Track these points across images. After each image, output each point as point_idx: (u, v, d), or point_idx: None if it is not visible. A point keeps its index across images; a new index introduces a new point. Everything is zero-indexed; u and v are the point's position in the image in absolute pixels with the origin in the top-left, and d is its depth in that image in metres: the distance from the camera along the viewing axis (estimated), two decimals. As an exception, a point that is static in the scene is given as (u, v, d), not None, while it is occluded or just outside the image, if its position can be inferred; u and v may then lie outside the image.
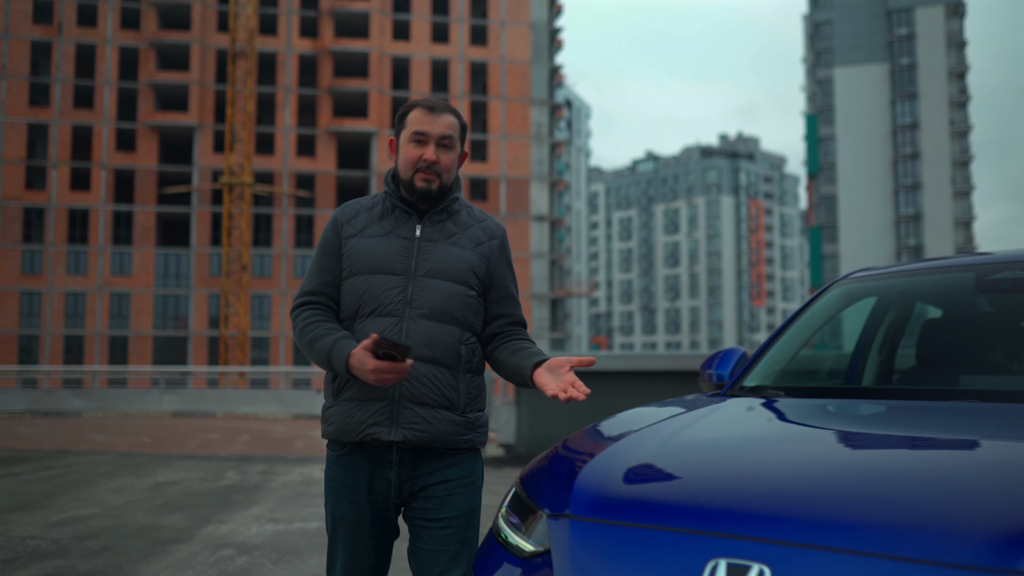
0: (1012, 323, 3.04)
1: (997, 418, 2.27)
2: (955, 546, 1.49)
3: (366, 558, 2.53)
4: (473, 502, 2.56)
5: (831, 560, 1.54)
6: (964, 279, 3.22)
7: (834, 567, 1.53)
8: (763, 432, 2.36)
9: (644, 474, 2.02)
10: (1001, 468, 1.83)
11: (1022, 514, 1.52)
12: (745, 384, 3.06)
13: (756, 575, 1.56)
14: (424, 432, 2.44)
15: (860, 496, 1.71)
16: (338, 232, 2.60)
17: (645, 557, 1.75)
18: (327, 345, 2.44)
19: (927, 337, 3.22)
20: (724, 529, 1.70)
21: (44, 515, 7.68)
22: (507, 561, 2.06)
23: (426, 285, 2.50)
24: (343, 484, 2.50)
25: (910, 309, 3.63)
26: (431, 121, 2.54)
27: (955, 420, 2.30)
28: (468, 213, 2.67)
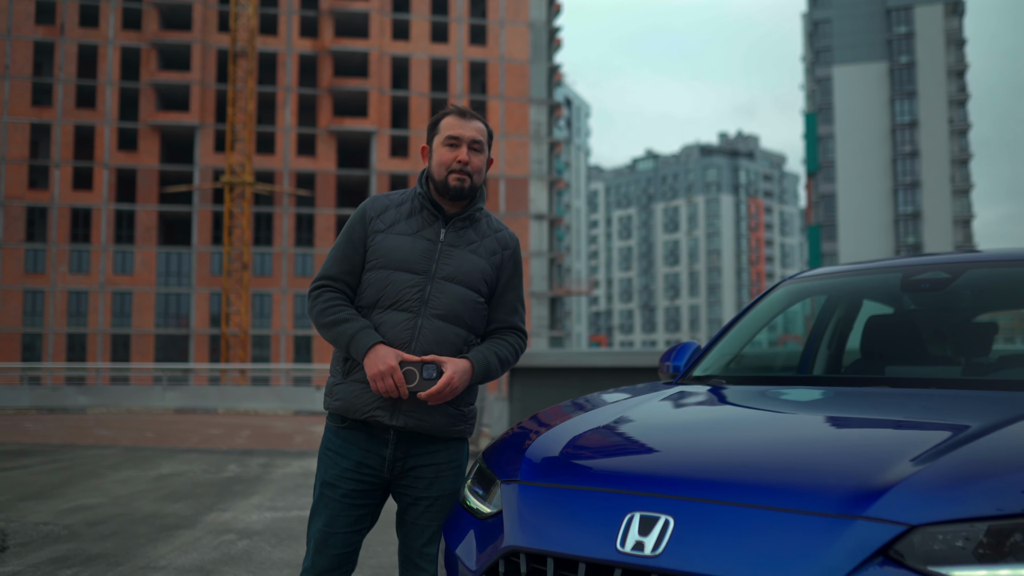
0: (930, 318, 3.40)
1: (899, 400, 2.62)
2: (817, 498, 1.85)
3: (346, 526, 2.77)
4: (457, 484, 2.83)
5: (720, 511, 1.90)
6: (893, 279, 3.58)
7: (722, 516, 1.89)
8: (689, 411, 2.73)
9: (582, 447, 2.38)
10: (873, 439, 2.20)
11: (872, 475, 1.87)
12: (695, 374, 3.42)
13: (662, 524, 1.92)
14: (423, 422, 2.71)
15: (750, 461, 2.09)
16: (365, 226, 2.82)
17: (577, 512, 2.10)
18: (352, 329, 2.69)
19: (866, 332, 3.58)
20: (640, 489, 2.06)
21: (55, 503, 8.05)
22: (469, 522, 2.41)
23: (443, 288, 2.74)
24: (338, 454, 2.78)
25: (853, 306, 3.98)
26: (463, 126, 2.82)
27: (860, 402, 2.66)
28: (487, 222, 2.92)
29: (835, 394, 2.82)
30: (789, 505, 1.86)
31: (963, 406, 2.38)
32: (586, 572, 1.95)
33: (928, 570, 1.69)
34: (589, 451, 2.38)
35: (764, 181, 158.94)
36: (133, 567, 5.58)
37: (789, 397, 2.87)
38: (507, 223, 62.41)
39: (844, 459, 2.00)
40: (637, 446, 2.41)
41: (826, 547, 1.75)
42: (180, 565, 5.63)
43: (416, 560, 2.79)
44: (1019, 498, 1.75)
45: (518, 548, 2.12)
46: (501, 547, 2.17)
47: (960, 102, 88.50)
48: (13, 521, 7.13)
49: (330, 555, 2.77)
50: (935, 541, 1.72)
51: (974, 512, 1.74)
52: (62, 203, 58.34)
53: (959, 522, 1.73)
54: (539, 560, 2.07)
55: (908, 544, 1.73)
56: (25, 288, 57.68)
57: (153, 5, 60.18)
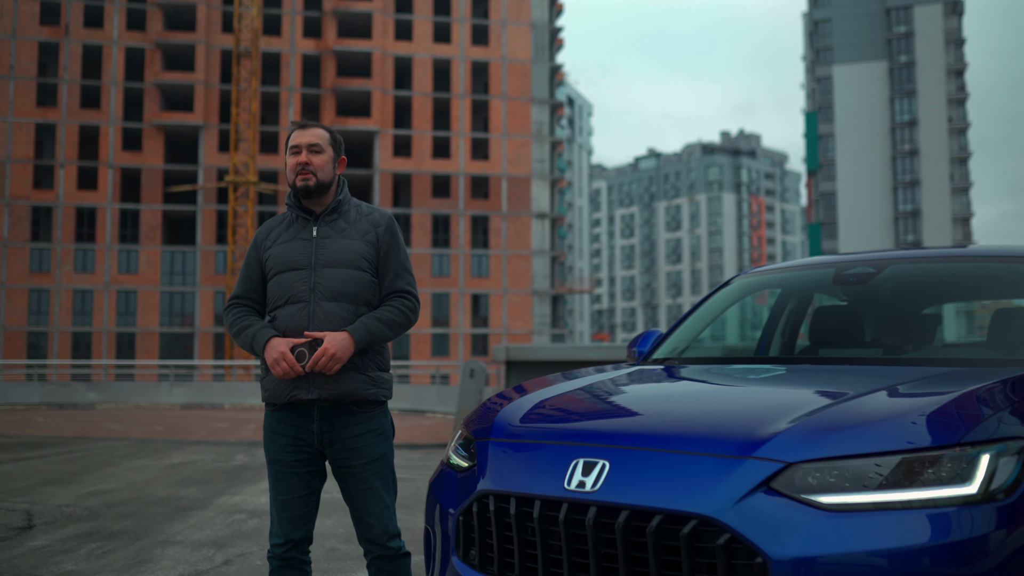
0: (857, 307, 3.89)
1: (810, 375, 3.11)
2: (720, 445, 2.33)
3: (298, 492, 3.24)
4: (383, 448, 3.28)
5: (645, 456, 2.38)
6: (827, 274, 4.07)
7: (646, 460, 2.37)
8: (633, 383, 3.21)
9: (541, 411, 2.87)
10: (772, 401, 2.69)
11: (763, 427, 2.35)
12: (655, 357, 3.91)
13: (600, 467, 2.39)
14: (334, 390, 3.15)
15: (672, 418, 2.59)
16: (258, 249, 3.34)
17: (534, 461, 2.59)
18: (252, 332, 3.21)
19: (812, 321, 4.07)
20: (584, 441, 2.54)
21: (75, 488, 8.54)
22: (452, 476, 2.89)
23: (325, 274, 3.20)
24: (275, 432, 3.27)
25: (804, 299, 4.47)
26: (302, 135, 3.31)
27: (777, 376, 3.16)
28: (356, 210, 3.35)
29: (760, 370, 3.32)
30: (698, 450, 2.35)
31: (858, 379, 2.85)
32: (540, 507, 2.43)
33: (800, 497, 2.17)
34: (546, 414, 2.86)
35: (766, 180, 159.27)
36: (152, 541, 6.06)
37: (721, 373, 3.36)
38: (509, 222, 62.90)
39: (745, 416, 2.49)
40: (585, 409, 2.92)
41: (724, 480, 2.23)
42: (195, 540, 6.11)
43: (365, 519, 3.28)
44: (863, 443, 2.24)
45: (488, 491, 2.60)
46: (475, 491, 2.65)
47: (959, 101, 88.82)
48: (37, 503, 7.62)
49: (289, 517, 3.25)
50: (805, 475, 2.20)
51: (832, 453, 2.22)
52: (67, 203, 58.84)
53: (821, 460, 2.21)
54: (504, 500, 2.55)
55: (785, 477, 2.21)
56: (30, 287, 58.20)
57: (157, 6, 60.68)
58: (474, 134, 64.72)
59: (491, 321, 62.93)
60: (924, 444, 2.23)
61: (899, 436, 2.26)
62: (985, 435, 2.26)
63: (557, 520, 2.39)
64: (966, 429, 2.27)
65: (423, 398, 20.92)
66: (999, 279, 3.70)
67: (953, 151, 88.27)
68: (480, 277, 63.56)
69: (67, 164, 59.00)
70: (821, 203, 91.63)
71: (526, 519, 2.47)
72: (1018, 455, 2.25)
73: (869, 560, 2.08)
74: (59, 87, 59.40)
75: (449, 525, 2.75)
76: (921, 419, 2.33)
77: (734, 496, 2.19)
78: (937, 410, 2.38)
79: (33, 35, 59.12)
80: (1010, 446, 2.26)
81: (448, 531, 2.76)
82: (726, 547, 2.15)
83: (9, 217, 57.98)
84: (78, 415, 20.20)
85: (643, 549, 2.25)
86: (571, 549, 2.36)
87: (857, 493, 2.16)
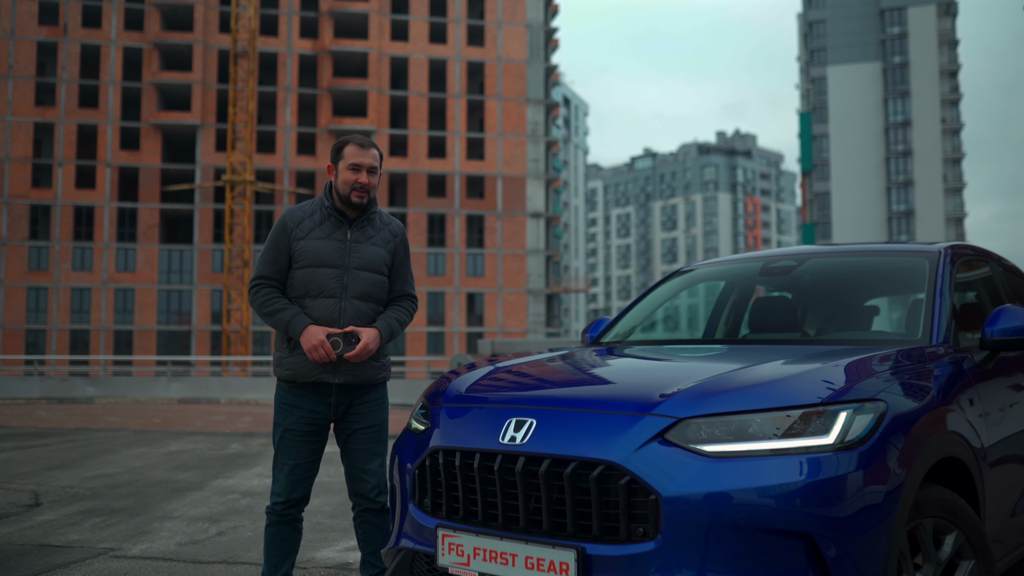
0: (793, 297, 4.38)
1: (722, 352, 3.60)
2: (625, 404, 2.81)
3: (305, 458, 3.74)
4: (383, 416, 3.87)
5: (565, 414, 2.85)
6: (756, 267, 4.55)
7: (566, 418, 2.84)
8: (572, 358, 3.69)
9: (486, 381, 3.35)
10: (678, 370, 3.16)
11: (661, 389, 2.82)
12: (602, 340, 4.38)
13: (528, 424, 2.86)
14: (357, 376, 3.73)
15: (591, 384, 3.08)
16: (288, 234, 3.74)
17: (475, 421, 3.07)
18: (288, 316, 3.64)
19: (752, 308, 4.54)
20: (516, 403, 3.03)
21: (77, 472, 9.00)
22: (411, 438, 3.36)
23: (357, 276, 3.72)
24: (292, 406, 3.75)
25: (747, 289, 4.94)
26: (363, 155, 3.74)
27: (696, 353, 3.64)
28: (380, 218, 3.87)
29: (685, 350, 3.80)
30: (608, 409, 2.83)
31: (763, 354, 3.31)
32: (479, 459, 2.90)
33: (688, 446, 2.65)
34: (489, 383, 3.35)
35: (761, 180, 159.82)
36: (151, 517, 6.53)
37: (650, 352, 3.84)
38: (504, 221, 63.16)
39: (650, 382, 2.97)
40: (521, 379, 3.41)
41: (627, 433, 2.70)
42: (192, 515, 6.58)
43: (360, 475, 3.81)
44: (743, 402, 2.72)
45: (438, 447, 3.07)
46: (427, 448, 3.13)
47: (953, 102, 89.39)
48: (42, 485, 8.09)
49: (294, 479, 3.75)
50: (693, 428, 2.68)
51: (716, 410, 2.70)
52: (65, 201, 59.21)
53: (707, 416, 2.69)
54: (451, 454, 3.02)
55: (677, 430, 2.68)
56: (29, 285, 58.57)
57: (155, 6, 61.05)
58: (470, 134, 65.18)
59: (486, 320, 63.40)
60: (793, 403, 2.70)
61: (773, 397, 2.73)
62: (845, 397, 2.74)
63: (493, 469, 2.86)
64: (829, 392, 2.75)
65: (416, 392, 21.39)
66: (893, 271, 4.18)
67: (947, 152, 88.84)
68: (475, 276, 64.02)
69: (65, 163, 59.36)
70: (815, 203, 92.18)
71: (469, 469, 2.94)
72: (874, 414, 2.73)
73: (739, 495, 2.55)
74: (57, 86, 59.76)
75: (407, 478, 3.23)
76: (793, 384, 2.81)
77: (634, 445, 2.67)
78: (808, 377, 2.86)
79: (31, 35, 59.47)
80: (867, 407, 2.74)
81: (406, 483, 3.24)
82: (627, 487, 2.63)
83: (8, 215, 58.35)
84: (78, 409, 20.66)
85: (561, 491, 2.73)
86: (505, 493, 2.84)
87: (735, 443, 2.64)
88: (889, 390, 2.88)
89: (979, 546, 3.02)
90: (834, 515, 2.54)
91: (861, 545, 2.56)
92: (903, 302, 4.17)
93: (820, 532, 2.52)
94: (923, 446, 2.84)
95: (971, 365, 3.50)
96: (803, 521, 2.52)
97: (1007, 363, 3.80)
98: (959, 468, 3.19)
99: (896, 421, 2.78)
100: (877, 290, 4.19)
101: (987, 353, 3.61)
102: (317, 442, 3.80)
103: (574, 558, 2.64)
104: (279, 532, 3.79)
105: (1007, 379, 3.74)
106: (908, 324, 3.80)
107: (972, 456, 3.19)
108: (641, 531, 2.61)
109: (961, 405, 3.24)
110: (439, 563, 2.96)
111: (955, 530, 2.96)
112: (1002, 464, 3.48)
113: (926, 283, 3.80)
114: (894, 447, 2.72)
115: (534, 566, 2.72)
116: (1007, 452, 3.54)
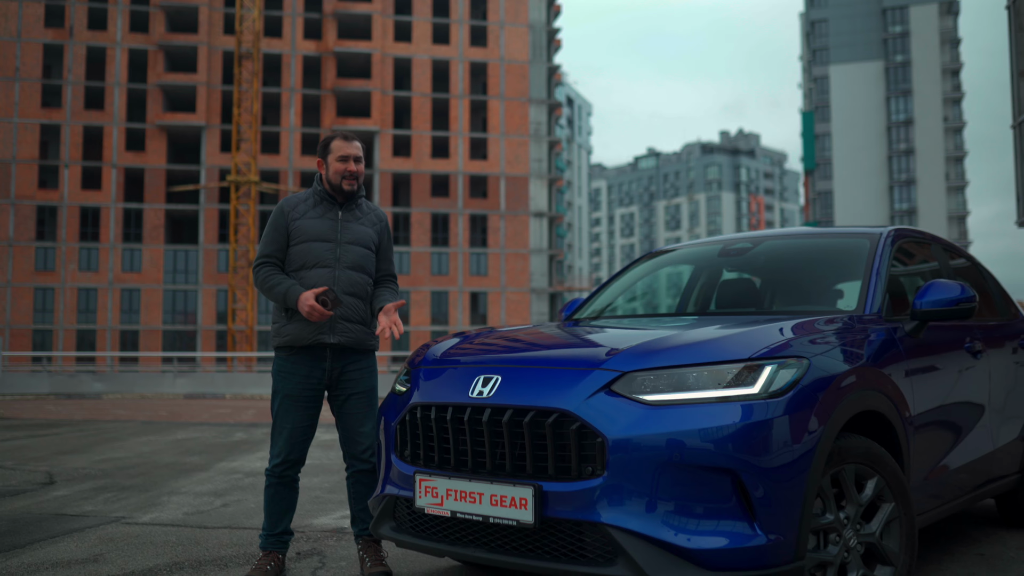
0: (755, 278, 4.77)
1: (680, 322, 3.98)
2: (578, 362, 3.19)
3: (302, 422, 4.15)
4: (373, 382, 4.28)
5: (527, 371, 3.24)
6: (717, 249, 4.94)
7: (527, 374, 3.22)
8: (540, 328, 4.07)
9: (461, 345, 3.74)
10: (629, 334, 3.55)
11: (610, 348, 3.21)
12: (576, 318, 4.77)
13: (494, 381, 3.24)
14: (350, 337, 4.15)
15: (551, 345, 3.46)
16: (285, 216, 4.20)
17: (449, 379, 3.45)
18: (284, 287, 4.07)
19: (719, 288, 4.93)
20: (484, 363, 3.42)
21: (89, 456, 9.40)
22: (395, 398, 3.75)
23: (347, 249, 4.18)
24: (290, 372, 4.15)
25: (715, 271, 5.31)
26: (349, 147, 4.22)
27: (654, 323, 4.01)
28: (366, 204, 4.37)
29: (645, 322, 4.19)
30: (562, 366, 3.21)
31: (711, 321, 3.70)
32: (451, 411, 3.28)
33: (630, 396, 3.02)
34: (463, 348, 3.74)
35: (765, 179, 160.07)
36: (160, 492, 6.92)
37: (610, 324, 4.22)
38: (507, 221, 63.45)
39: (600, 342, 3.36)
40: (491, 344, 3.79)
41: (577, 385, 3.08)
42: (198, 491, 6.97)
43: (355, 438, 4.23)
44: (680, 358, 3.10)
45: (417, 403, 3.46)
46: (407, 405, 3.52)
47: (955, 100, 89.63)
48: (56, 467, 8.49)
49: (295, 442, 4.17)
50: (635, 380, 3.06)
51: (655, 365, 3.08)
52: (71, 202, 59.72)
53: (647, 370, 3.07)
54: (428, 409, 3.40)
55: (621, 382, 3.06)
56: (35, 285, 59.09)
57: (160, 8, 61.56)
58: (473, 134, 65.60)
59: (489, 318, 63.79)
60: (724, 359, 3.09)
61: (707, 354, 3.12)
62: (770, 354, 3.12)
63: (463, 420, 3.25)
64: (757, 350, 3.13)
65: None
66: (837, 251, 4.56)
67: (949, 150, 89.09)
68: (479, 275, 64.44)
69: (71, 164, 59.87)
70: (818, 202, 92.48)
71: (442, 421, 3.33)
72: (796, 369, 3.10)
73: (674, 437, 2.93)
74: (63, 88, 60.27)
75: (390, 433, 3.62)
76: (726, 343, 3.19)
77: (584, 396, 3.05)
78: (739, 338, 3.24)
79: (38, 37, 60.00)
80: (790, 363, 3.12)
81: (390, 438, 3.63)
82: (577, 431, 3.01)
83: (15, 216, 58.86)
84: (86, 403, 21.08)
85: (521, 437, 3.11)
86: (473, 440, 3.22)
87: (672, 393, 3.02)
88: (813, 350, 3.25)
89: (898, 491, 3.40)
90: (756, 454, 2.91)
91: (780, 481, 2.94)
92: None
93: (744, 469, 2.90)
94: (842, 399, 3.21)
95: (902, 334, 3.88)
96: (728, 459, 2.90)
97: (938, 331, 4.17)
98: (884, 423, 3.56)
99: (817, 376, 3.15)
100: (824, 268, 4.54)
101: (916, 323, 3.98)
102: (313, 407, 4.19)
103: (532, 494, 3.02)
104: (278, 492, 4.19)
105: (935, 346, 4.11)
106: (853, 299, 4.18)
107: (896, 412, 3.56)
108: (590, 469, 2.99)
109: (887, 366, 3.62)
110: (417, 505, 3.34)
111: (876, 476, 3.34)
112: (927, 425, 3.86)
113: (865, 261, 4.17)
114: (814, 398, 3.09)
115: (498, 502, 3.10)
116: (932, 409, 3.92)
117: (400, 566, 4.39)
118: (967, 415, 4.33)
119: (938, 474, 3.97)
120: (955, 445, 4.17)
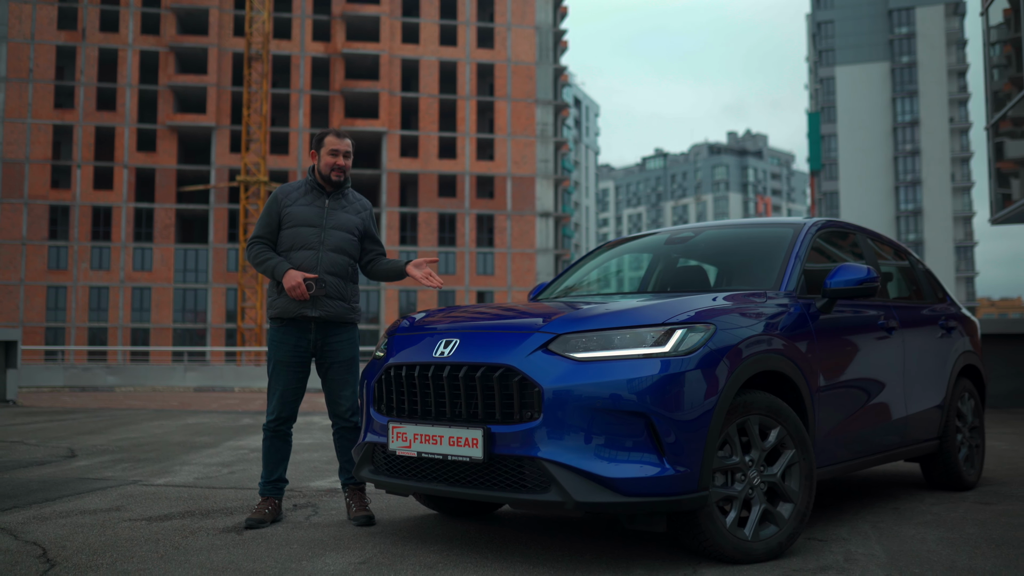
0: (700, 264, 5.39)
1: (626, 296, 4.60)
2: (524, 325, 3.83)
3: (292, 384, 4.81)
4: (354, 353, 4.91)
5: (481, 335, 3.87)
6: (663, 238, 5.57)
7: (481, 337, 3.86)
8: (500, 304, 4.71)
9: (431, 317, 4.38)
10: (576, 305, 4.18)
11: (549, 316, 3.84)
12: (539, 298, 5.40)
13: (454, 343, 3.87)
14: (330, 312, 4.78)
15: (504, 316, 4.10)
16: (279, 203, 4.84)
17: (417, 343, 4.09)
18: (274, 263, 4.73)
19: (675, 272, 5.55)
20: (447, 329, 4.06)
21: (106, 436, 10.07)
22: (375, 363, 4.38)
23: (331, 234, 4.81)
24: (283, 341, 4.81)
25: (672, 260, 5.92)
26: (339, 143, 4.87)
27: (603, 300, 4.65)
28: (352, 194, 4.98)
29: (591, 298, 4.82)
30: (509, 330, 3.85)
31: (642, 299, 4.33)
32: (419, 369, 3.92)
33: (563, 354, 3.65)
34: (432, 319, 4.37)
35: (772, 180, 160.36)
36: (172, 463, 7.58)
37: (564, 300, 4.85)
38: (514, 221, 63.98)
39: (542, 312, 3.99)
40: (456, 315, 4.42)
41: (520, 345, 3.71)
42: (207, 463, 7.62)
43: (337, 400, 4.88)
44: (606, 322, 3.73)
45: (391, 364, 4.10)
46: (383, 366, 4.16)
47: (961, 101, 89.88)
48: (77, 444, 9.15)
49: (286, 402, 4.83)
50: (568, 341, 3.69)
51: (585, 328, 3.72)
52: (83, 202, 60.55)
53: (578, 332, 3.70)
54: (399, 368, 4.04)
55: (557, 343, 3.69)
56: (48, 284, 59.93)
57: (171, 10, 62.38)
58: (479, 135, 66.27)
59: (496, 317, 64.33)
60: (642, 323, 3.72)
61: (629, 319, 3.75)
62: (682, 320, 3.75)
63: (428, 376, 3.89)
64: (671, 316, 3.76)
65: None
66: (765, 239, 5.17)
67: (955, 151, 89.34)
68: (485, 275, 65.10)
69: (84, 164, 60.70)
70: (824, 202, 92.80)
71: (411, 378, 3.97)
72: (704, 333, 3.72)
73: (596, 387, 3.55)
74: (76, 89, 61.10)
75: (370, 391, 4.27)
76: (646, 311, 3.82)
77: (525, 353, 3.68)
78: (659, 307, 3.87)
79: (51, 39, 60.85)
80: (698, 327, 3.74)
81: (369, 394, 4.27)
82: (520, 383, 3.64)
83: (28, 216, 59.70)
84: (100, 395, 21.81)
85: (473, 388, 3.75)
86: (436, 392, 3.86)
87: (597, 351, 3.65)
88: (721, 317, 3.87)
89: (798, 439, 4.02)
90: (665, 401, 3.54)
91: (685, 423, 3.56)
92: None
93: (654, 413, 3.52)
94: (744, 359, 3.83)
95: (814, 310, 4.50)
96: (641, 405, 3.52)
97: (852, 308, 4.79)
98: (790, 384, 4.17)
99: (722, 339, 3.77)
100: (753, 254, 5.15)
101: (826, 300, 4.59)
102: (301, 371, 4.84)
103: (482, 434, 3.65)
104: (273, 444, 4.84)
105: (846, 321, 4.73)
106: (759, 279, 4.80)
107: (800, 374, 4.17)
108: (529, 414, 3.62)
109: (793, 334, 4.23)
110: (390, 448, 3.98)
111: (778, 426, 3.96)
112: (832, 387, 4.47)
113: (786, 247, 4.79)
114: (718, 357, 3.71)
115: (455, 442, 3.74)
116: (837, 374, 4.54)
117: (382, 515, 5.03)
118: (876, 383, 4.94)
119: (843, 430, 4.58)
120: (862, 407, 4.77)
